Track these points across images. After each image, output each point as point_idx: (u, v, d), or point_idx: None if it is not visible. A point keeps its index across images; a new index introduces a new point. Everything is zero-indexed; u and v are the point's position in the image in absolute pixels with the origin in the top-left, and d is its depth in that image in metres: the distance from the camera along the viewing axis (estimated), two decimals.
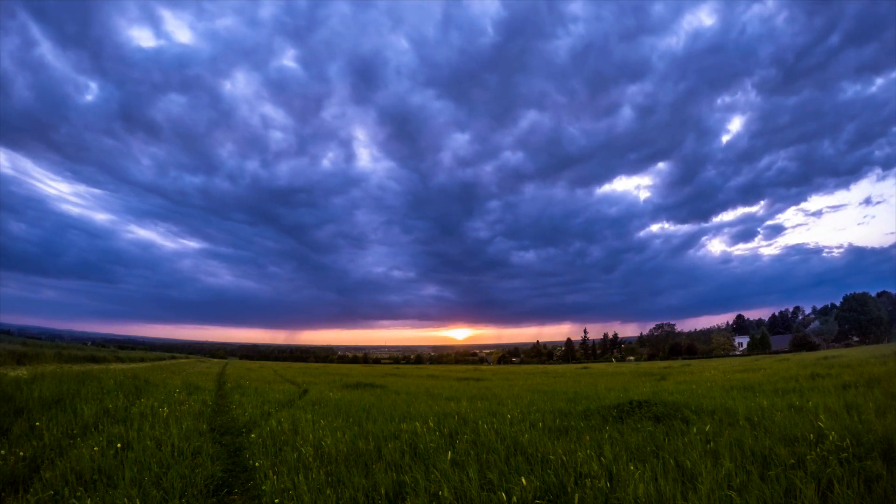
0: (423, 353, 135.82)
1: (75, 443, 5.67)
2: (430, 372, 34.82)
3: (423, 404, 10.04)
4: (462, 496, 3.97)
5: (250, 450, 5.90)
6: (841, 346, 61.59)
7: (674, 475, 4.19)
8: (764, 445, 4.87)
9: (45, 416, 6.77)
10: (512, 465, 4.75)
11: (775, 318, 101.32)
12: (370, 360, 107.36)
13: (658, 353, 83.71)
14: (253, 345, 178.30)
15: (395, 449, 5.50)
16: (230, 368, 35.63)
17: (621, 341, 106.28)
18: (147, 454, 5.18)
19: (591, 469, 4.37)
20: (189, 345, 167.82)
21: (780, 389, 10.44)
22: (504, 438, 5.80)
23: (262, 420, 8.13)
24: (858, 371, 12.41)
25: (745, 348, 75.48)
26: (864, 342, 63.90)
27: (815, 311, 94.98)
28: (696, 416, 6.94)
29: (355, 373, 29.51)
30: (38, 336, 76.73)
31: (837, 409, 6.70)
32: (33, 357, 20.10)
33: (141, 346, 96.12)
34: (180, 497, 4.16)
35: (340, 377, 22.76)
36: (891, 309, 73.16)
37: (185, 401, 9.58)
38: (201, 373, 24.59)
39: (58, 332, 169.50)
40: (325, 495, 4.11)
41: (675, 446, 5.10)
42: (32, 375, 10.67)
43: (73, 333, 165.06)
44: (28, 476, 4.68)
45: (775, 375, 14.35)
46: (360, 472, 4.78)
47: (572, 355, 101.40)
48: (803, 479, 3.80)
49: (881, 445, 4.52)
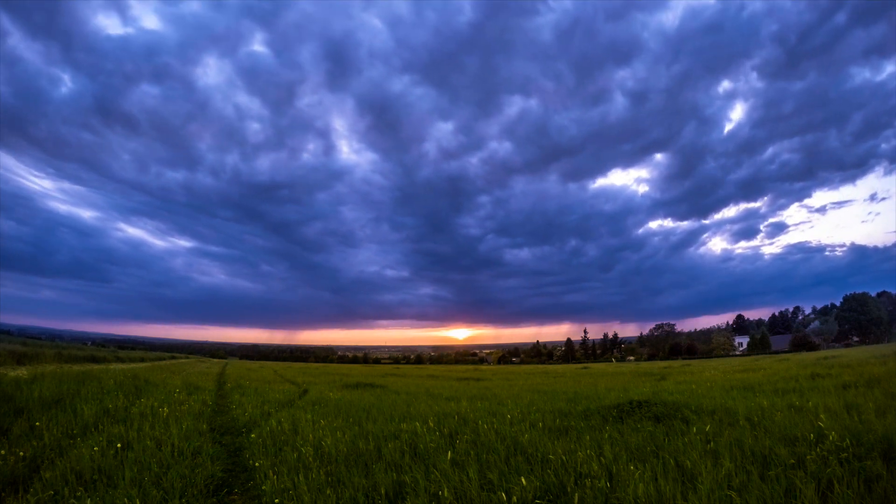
0: (423, 353, 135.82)
1: (75, 443, 5.67)
2: (430, 372, 34.82)
3: (423, 404, 10.04)
4: (462, 496, 3.97)
5: (250, 450, 5.90)
6: (841, 346, 61.60)
7: (674, 475, 4.19)
8: (764, 445, 4.87)
9: (45, 416, 6.77)
10: (512, 465, 4.75)
11: (775, 318, 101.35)
12: (370, 360, 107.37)
13: (658, 353, 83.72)
14: (253, 345, 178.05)
15: (395, 449, 5.50)
16: (230, 368, 35.62)
17: (621, 341, 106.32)
18: (147, 454, 5.18)
19: (591, 469, 4.37)
20: (188, 345, 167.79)
21: (780, 389, 10.44)
22: (504, 438, 5.80)
23: (262, 420, 8.13)
24: (858, 371, 12.41)
25: (745, 348, 75.48)
26: (864, 342, 63.91)
27: (815, 311, 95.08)
28: (696, 416, 6.94)
29: (355, 373, 29.51)
30: (37, 336, 76.74)
31: (837, 409, 6.70)
32: (33, 357, 20.11)
33: (141, 346, 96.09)
34: (180, 497, 4.16)
35: (340, 377, 22.76)
36: (891, 309, 73.18)
37: (185, 401, 9.58)
38: (201, 373, 24.59)
39: (58, 332, 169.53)
40: (325, 495, 4.11)
41: (675, 446, 5.10)
42: (32, 375, 10.67)
43: (73, 333, 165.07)
44: (28, 476, 4.68)
45: (775, 375, 14.35)
46: (360, 472, 4.78)
47: (572, 355, 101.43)
48: (803, 479, 3.80)
49: (881, 445, 4.52)
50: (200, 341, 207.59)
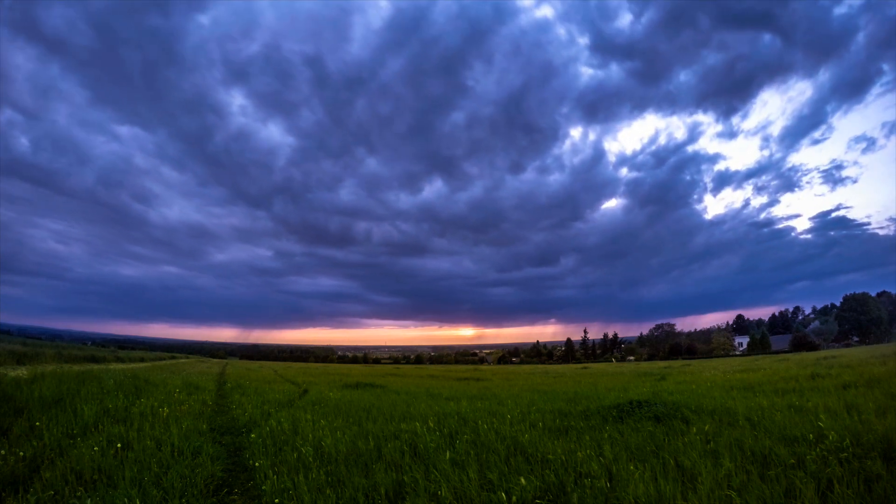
0: (423, 353, 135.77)
1: (75, 443, 5.66)
2: (430, 372, 34.82)
3: (423, 404, 10.03)
4: (462, 496, 3.97)
5: (250, 450, 5.90)
6: (841, 346, 61.54)
7: (674, 475, 4.19)
8: (764, 445, 4.88)
9: (45, 416, 6.76)
10: (512, 464, 4.75)
11: (775, 318, 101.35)
12: (370, 360, 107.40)
13: (658, 353, 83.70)
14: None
15: (395, 449, 5.50)
16: (230, 368, 35.64)
17: (621, 341, 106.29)
18: (147, 454, 5.17)
19: (590, 469, 4.37)
20: (189, 345, 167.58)
21: (779, 389, 10.44)
22: (504, 438, 5.80)
23: (262, 420, 8.13)
24: (858, 371, 12.41)
25: (744, 348, 75.45)
26: (864, 342, 63.86)
27: (815, 311, 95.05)
28: (696, 416, 6.94)
29: (355, 373, 29.51)
30: (37, 336, 76.74)
31: (837, 409, 6.71)
32: (33, 357, 20.11)
33: (141, 346, 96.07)
34: (180, 497, 4.16)
35: (340, 377, 22.76)
36: (891, 309, 73.10)
37: (185, 401, 9.57)
38: (201, 373, 24.58)
39: (57, 331, 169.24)
40: (325, 495, 4.11)
41: (675, 446, 5.10)
42: (32, 375, 10.65)
43: (73, 333, 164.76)
44: (28, 476, 4.68)
45: (775, 375, 14.34)
46: (360, 471, 4.78)
47: (572, 355, 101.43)
48: (803, 479, 3.81)
49: (881, 445, 4.52)
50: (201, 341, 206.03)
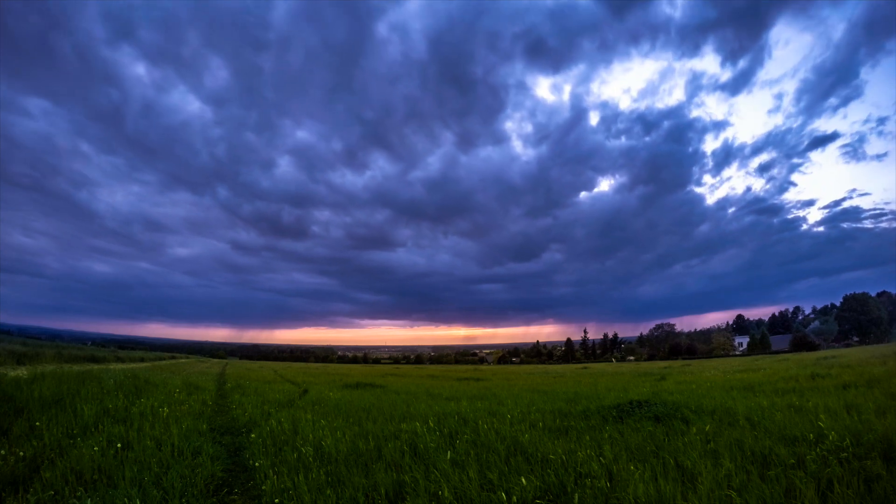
0: (423, 353, 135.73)
1: (75, 443, 5.66)
2: (430, 372, 34.81)
3: (423, 404, 10.03)
4: (462, 496, 3.97)
5: (250, 450, 5.90)
6: (841, 346, 61.55)
7: (674, 475, 4.19)
8: (764, 445, 4.88)
9: (45, 416, 6.75)
10: (512, 464, 4.75)
11: (775, 318, 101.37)
12: (370, 360, 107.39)
13: (658, 353, 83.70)
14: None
15: (395, 449, 5.49)
16: (230, 368, 35.64)
17: (621, 341, 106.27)
18: (147, 454, 5.17)
19: (591, 469, 4.37)
20: (189, 345, 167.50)
21: (779, 389, 10.44)
22: (504, 438, 5.80)
23: (262, 420, 8.13)
24: (858, 371, 12.41)
25: (744, 348, 75.45)
26: (864, 342, 63.86)
27: (815, 311, 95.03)
28: (696, 416, 6.94)
29: (355, 373, 29.50)
30: (38, 336, 76.71)
31: (837, 409, 6.71)
32: (33, 357, 20.11)
33: (141, 346, 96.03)
34: (180, 497, 4.16)
35: (340, 377, 22.76)
36: (891, 309, 73.11)
37: (186, 401, 9.57)
38: (201, 373, 24.58)
39: (57, 331, 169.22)
40: (325, 495, 4.11)
41: (675, 446, 5.10)
42: (32, 375, 10.65)
43: (73, 333, 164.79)
44: (28, 476, 4.67)
45: (775, 375, 14.35)
46: (360, 472, 4.78)
47: (572, 355, 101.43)
48: (803, 479, 3.81)
49: (881, 445, 4.52)
50: (200, 341, 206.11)
